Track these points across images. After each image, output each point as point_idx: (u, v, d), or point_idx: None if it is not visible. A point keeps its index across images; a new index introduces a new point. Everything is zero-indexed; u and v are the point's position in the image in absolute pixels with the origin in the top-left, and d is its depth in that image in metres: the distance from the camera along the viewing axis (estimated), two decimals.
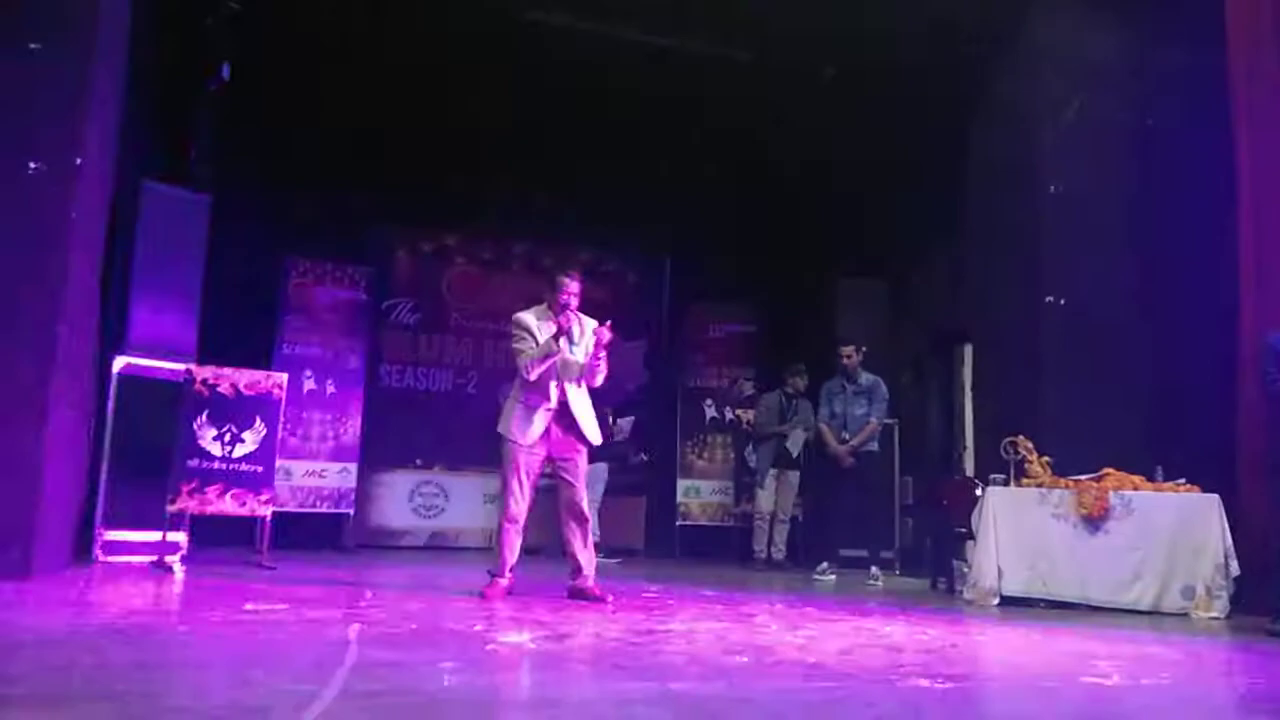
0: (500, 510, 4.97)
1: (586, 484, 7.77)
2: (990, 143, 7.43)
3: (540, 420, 4.84)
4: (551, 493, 5.14)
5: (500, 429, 4.94)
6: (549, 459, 4.92)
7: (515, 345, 4.91)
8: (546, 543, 7.10)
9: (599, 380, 4.91)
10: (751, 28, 7.37)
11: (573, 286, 4.92)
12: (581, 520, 4.94)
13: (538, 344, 4.82)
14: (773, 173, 8.86)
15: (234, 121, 7.21)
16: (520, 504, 4.86)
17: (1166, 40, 6.41)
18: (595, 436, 4.99)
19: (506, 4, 7.33)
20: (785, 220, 9.14)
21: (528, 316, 4.93)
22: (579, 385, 4.92)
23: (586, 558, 4.92)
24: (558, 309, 4.88)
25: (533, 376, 4.80)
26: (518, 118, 8.24)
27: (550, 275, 5.09)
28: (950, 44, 7.13)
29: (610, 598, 4.80)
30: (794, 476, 7.96)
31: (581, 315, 4.97)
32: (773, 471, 7.90)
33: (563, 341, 4.82)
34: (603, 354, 4.83)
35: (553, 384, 4.85)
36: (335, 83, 7.75)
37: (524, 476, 4.84)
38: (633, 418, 8.78)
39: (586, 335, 4.92)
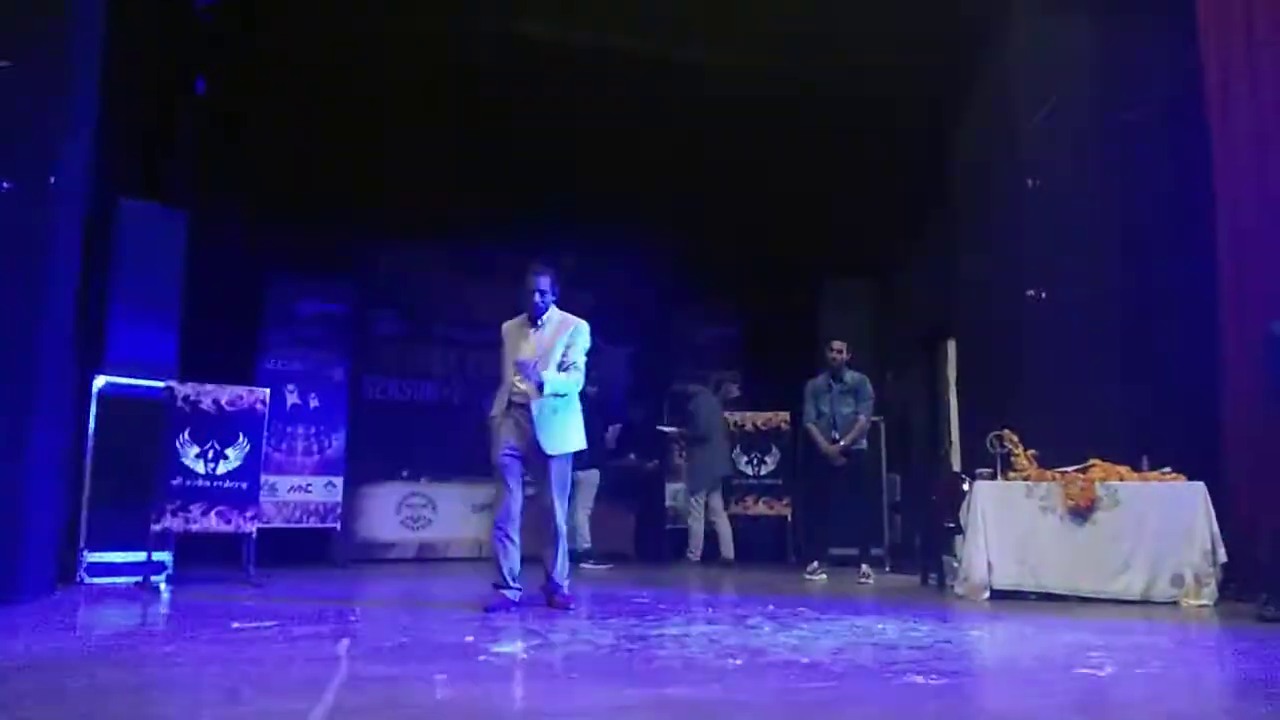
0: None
1: (579, 491, 7.87)
2: (970, 140, 7.46)
3: (507, 424, 4.84)
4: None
5: None
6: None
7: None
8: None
9: (557, 383, 4.76)
10: (735, 33, 7.38)
11: (540, 283, 4.86)
12: (546, 524, 4.84)
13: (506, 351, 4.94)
14: (756, 176, 8.87)
15: (210, 136, 7.16)
16: (502, 508, 4.79)
17: (1142, 33, 6.47)
18: (549, 445, 4.77)
19: (489, 15, 7.31)
20: (769, 223, 9.14)
21: (508, 325, 5.01)
22: (537, 389, 4.75)
23: (556, 567, 4.85)
24: (528, 307, 4.90)
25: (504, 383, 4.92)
26: (499, 126, 8.21)
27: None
28: (929, 45, 7.17)
29: (571, 606, 4.77)
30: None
31: (567, 315, 4.95)
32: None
33: (531, 337, 4.86)
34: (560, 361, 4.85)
35: (513, 388, 4.84)
36: (313, 95, 7.71)
37: (504, 481, 4.80)
38: (619, 425, 8.77)
39: (558, 333, 4.88)
